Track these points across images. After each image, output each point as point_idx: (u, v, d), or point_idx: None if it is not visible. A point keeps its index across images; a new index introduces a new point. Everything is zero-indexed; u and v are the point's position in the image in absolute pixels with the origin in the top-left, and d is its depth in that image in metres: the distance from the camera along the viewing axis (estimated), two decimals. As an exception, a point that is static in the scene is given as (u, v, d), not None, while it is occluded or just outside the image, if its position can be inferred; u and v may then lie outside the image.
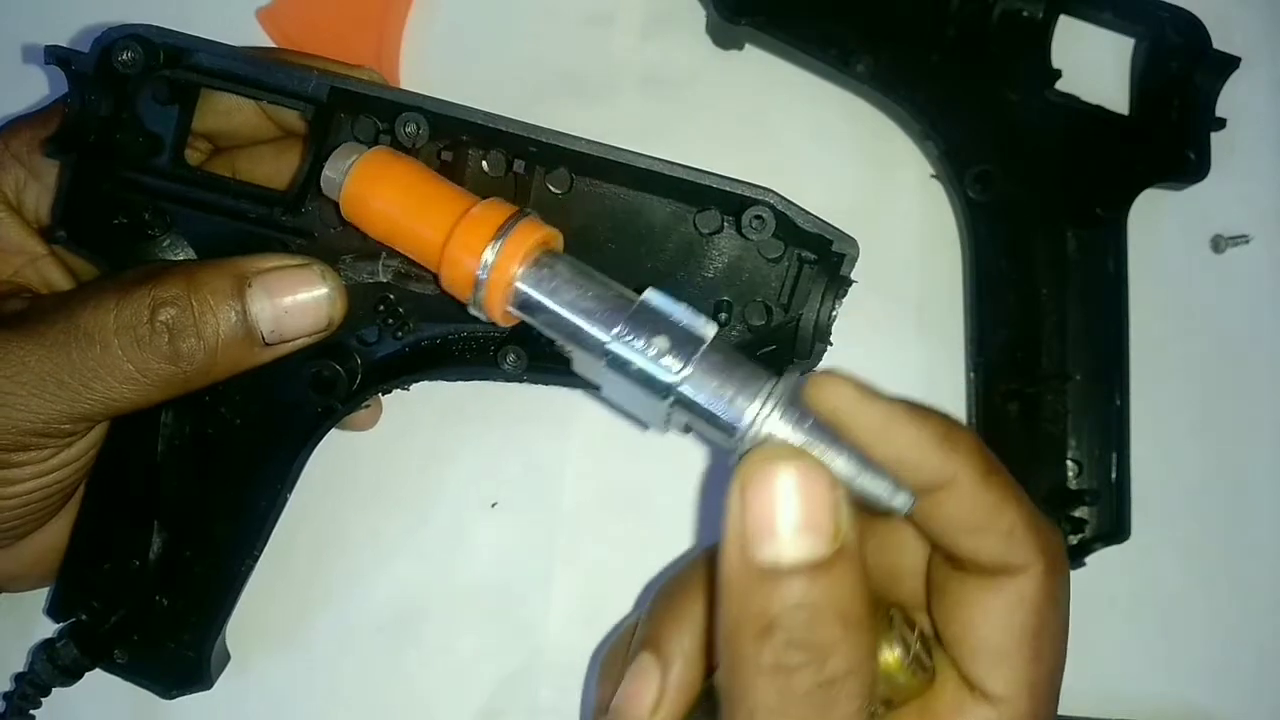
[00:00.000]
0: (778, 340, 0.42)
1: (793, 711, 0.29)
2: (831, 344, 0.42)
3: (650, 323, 0.34)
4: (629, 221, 0.43)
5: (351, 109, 0.42)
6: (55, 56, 0.42)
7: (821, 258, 0.42)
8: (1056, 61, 0.55)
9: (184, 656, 0.48)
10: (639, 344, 0.33)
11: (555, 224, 0.41)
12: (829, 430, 0.32)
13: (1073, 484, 0.52)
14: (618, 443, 0.56)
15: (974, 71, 0.55)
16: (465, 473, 0.56)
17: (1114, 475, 0.52)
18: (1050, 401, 0.53)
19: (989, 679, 0.34)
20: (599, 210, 0.43)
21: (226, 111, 0.46)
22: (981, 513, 0.33)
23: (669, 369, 0.33)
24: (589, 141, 0.41)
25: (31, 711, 0.48)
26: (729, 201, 0.41)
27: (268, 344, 0.41)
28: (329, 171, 0.39)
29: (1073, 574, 0.51)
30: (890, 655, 0.34)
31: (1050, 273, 0.53)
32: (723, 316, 0.43)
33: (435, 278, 0.38)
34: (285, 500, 0.46)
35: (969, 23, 0.55)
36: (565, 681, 0.54)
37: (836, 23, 0.55)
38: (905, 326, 0.57)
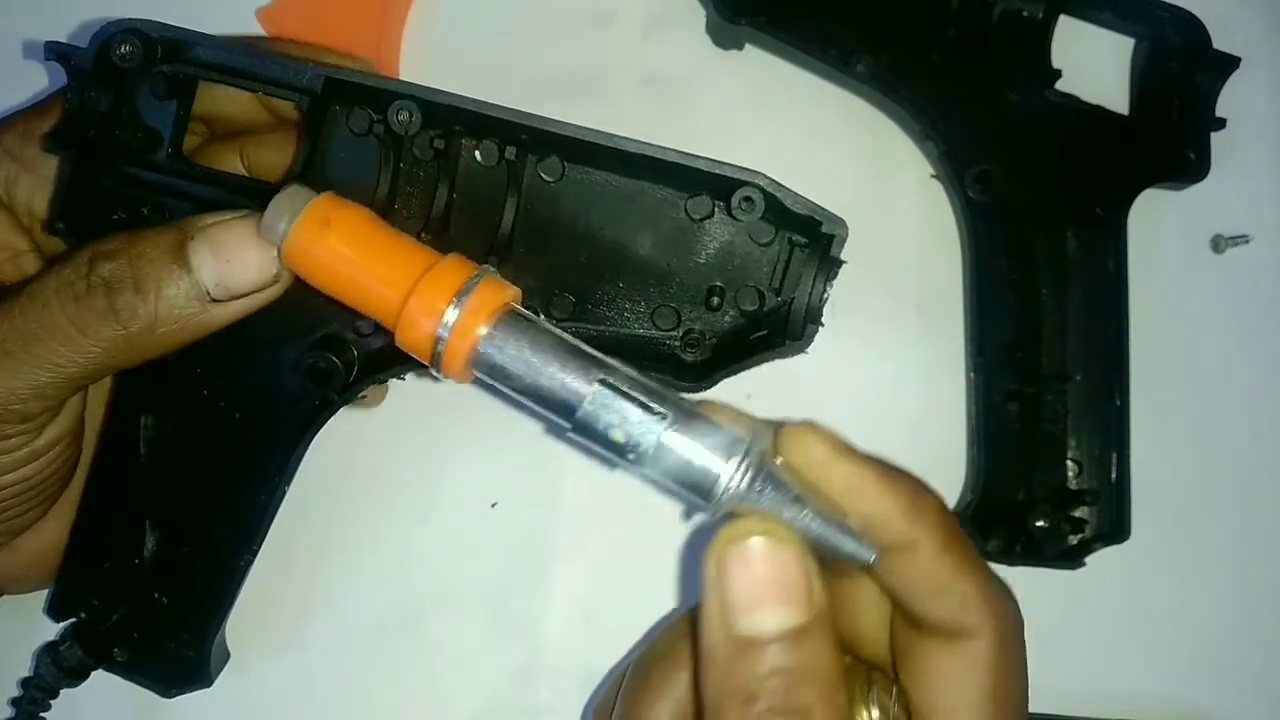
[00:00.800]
0: (770, 324, 0.43)
1: None
2: (823, 325, 0.42)
3: (616, 393, 0.33)
4: (621, 209, 0.43)
5: (346, 100, 0.42)
6: (54, 52, 0.42)
7: (811, 240, 0.42)
8: (1056, 61, 0.55)
9: (184, 655, 0.48)
10: (605, 418, 0.33)
11: (547, 212, 0.43)
12: (797, 488, 0.33)
13: (1073, 484, 0.52)
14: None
15: (974, 71, 0.55)
16: (465, 473, 0.55)
17: (1114, 475, 0.52)
18: (1050, 401, 0.53)
19: None
20: (591, 198, 0.43)
21: (224, 98, 0.46)
22: (939, 578, 0.34)
23: (634, 440, 0.33)
24: (580, 127, 0.40)
25: (42, 715, 0.48)
26: (719, 185, 0.41)
27: (215, 299, 0.39)
28: (269, 218, 0.37)
29: (1073, 574, 0.52)
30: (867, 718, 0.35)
31: (1050, 273, 0.53)
32: (715, 301, 0.43)
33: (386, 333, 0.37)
34: (283, 494, 0.46)
35: (969, 23, 0.55)
36: (565, 682, 0.54)
37: (836, 23, 0.55)
38: (905, 326, 0.57)
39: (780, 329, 0.42)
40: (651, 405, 0.33)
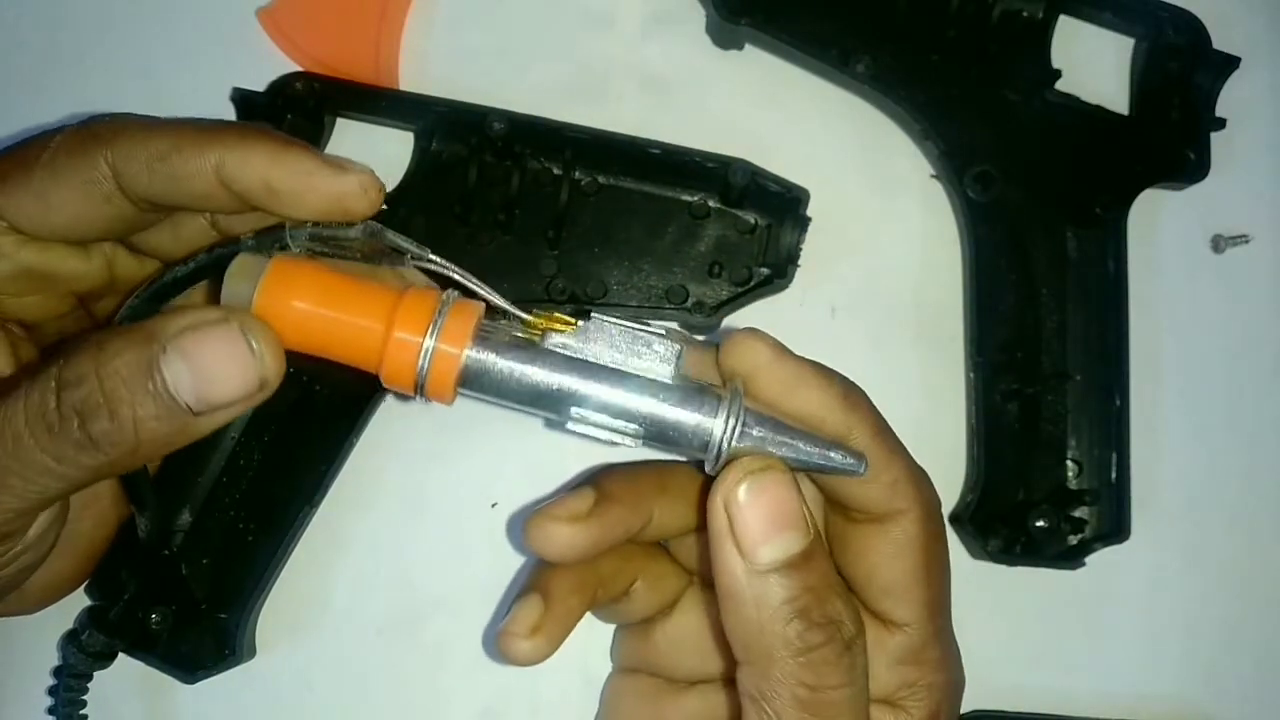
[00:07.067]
0: (758, 286, 0.53)
1: (828, 680, 0.34)
2: (799, 265, 0.53)
3: (587, 424, 0.36)
4: (642, 213, 0.53)
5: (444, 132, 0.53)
6: (240, 95, 0.54)
7: (787, 212, 0.53)
8: (1056, 61, 0.55)
9: (222, 626, 0.50)
10: (588, 432, 0.36)
11: (588, 213, 0.53)
12: (780, 422, 0.36)
13: (1073, 484, 0.52)
14: (617, 442, 0.56)
15: (974, 71, 0.55)
16: (465, 473, 0.55)
17: (1114, 475, 0.52)
18: (1050, 401, 0.53)
19: (895, 610, 0.39)
20: (620, 202, 0.53)
21: (185, 177, 0.38)
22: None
23: (621, 439, 0.36)
24: (617, 135, 0.53)
25: (83, 698, 0.48)
26: (713, 175, 0.52)
27: (198, 413, 0.36)
28: (228, 295, 0.36)
29: (1073, 574, 0.52)
30: None
31: (1050, 273, 0.53)
32: (714, 278, 0.53)
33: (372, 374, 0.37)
34: (353, 445, 0.52)
35: (969, 23, 0.55)
36: (565, 681, 0.54)
37: (836, 23, 0.55)
38: (905, 327, 0.57)
39: (766, 281, 0.53)
40: (619, 426, 0.36)
